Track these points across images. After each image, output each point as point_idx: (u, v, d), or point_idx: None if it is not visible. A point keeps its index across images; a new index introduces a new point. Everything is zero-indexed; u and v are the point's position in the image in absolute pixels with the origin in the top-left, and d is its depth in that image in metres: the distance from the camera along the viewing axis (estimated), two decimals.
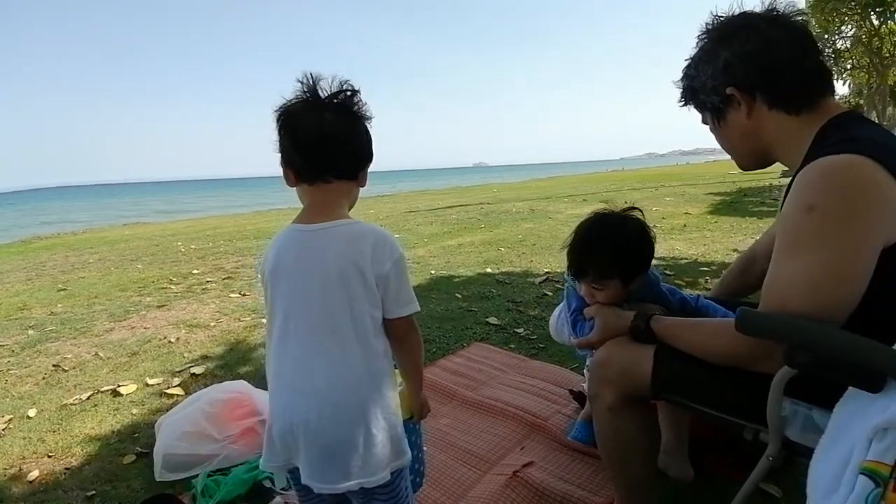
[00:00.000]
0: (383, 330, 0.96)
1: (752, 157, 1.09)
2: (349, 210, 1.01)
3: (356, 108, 0.96)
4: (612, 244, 1.21)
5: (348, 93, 0.94)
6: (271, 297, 0.95)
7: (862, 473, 0.60)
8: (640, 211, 1.28)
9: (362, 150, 0.97)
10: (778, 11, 0.99)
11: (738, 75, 0.98)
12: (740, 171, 1.19)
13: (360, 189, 1.03)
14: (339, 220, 0.93)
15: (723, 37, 1.01)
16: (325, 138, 0.92)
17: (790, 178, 0.94)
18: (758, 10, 1.00)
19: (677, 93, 1.15)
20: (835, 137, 0.89)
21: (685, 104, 1.14)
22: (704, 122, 1.13)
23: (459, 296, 3.47)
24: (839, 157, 0.82)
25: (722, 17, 1.03)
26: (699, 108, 1.10)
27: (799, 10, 1.01)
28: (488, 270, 4.19)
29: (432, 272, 4.23)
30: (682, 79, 1.10)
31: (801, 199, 0.85)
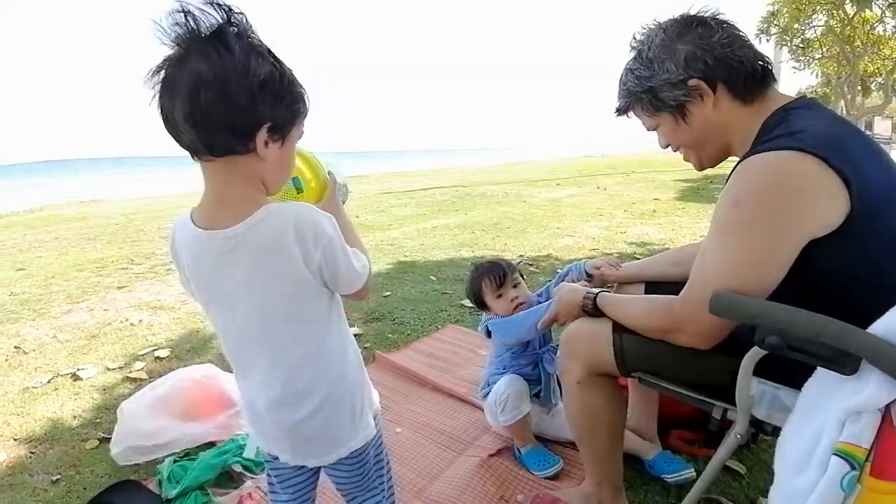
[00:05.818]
0: (338, 307, 0.88)
1: (717, 152, 1.08)
2: (275, 191, 0.81)
3: (231, 43, 0.66)
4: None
5: (218, 22, 0.66)
6: (200, 298, 0.84)
7: (835, 454, 0.62)
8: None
9: (240, 107, 0.67)
10: (708, 13, 1.02)
11: (700, 66, 0.98)
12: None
13: (282, 162, 0.78)
14: (246, 219, 0.74)
15: (677, 34, 1.00)
16: (174, 98, 0.67)
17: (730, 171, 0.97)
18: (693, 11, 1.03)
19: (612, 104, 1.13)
20: (777, 131, 0.92)
21: (625, 111, 1.13)
22: (651, 127, 1.11)
23: (434, 278, 3.46)
24: (770, 154, 0.86)
25: (660, 22, 1.04)
26: (656, 109, 1.06)
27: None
28: (463, 253, 4.18)
29: (406, 254, 4.19)
30: (626, 85, 1.08)
31: (730, 193, 0.91)
